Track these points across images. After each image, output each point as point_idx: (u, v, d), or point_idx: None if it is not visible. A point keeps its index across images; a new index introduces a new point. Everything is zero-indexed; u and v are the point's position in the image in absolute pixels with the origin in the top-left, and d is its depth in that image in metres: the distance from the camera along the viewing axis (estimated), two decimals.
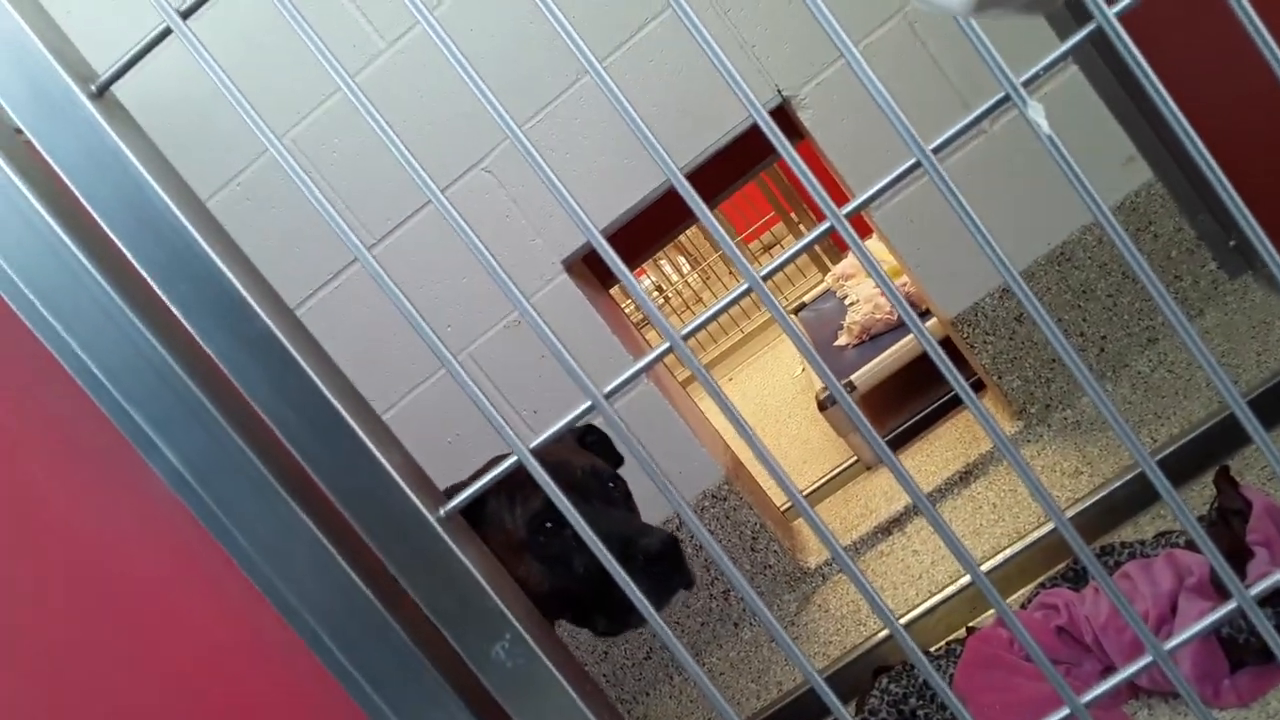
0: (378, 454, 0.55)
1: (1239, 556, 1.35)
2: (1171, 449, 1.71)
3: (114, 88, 0.58)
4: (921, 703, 1.54)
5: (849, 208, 0.53)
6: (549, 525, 1.32)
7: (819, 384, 2.88)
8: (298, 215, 2.07)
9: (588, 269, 2.31)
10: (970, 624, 1.71)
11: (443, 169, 2.05)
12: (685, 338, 0.55)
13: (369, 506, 0.55)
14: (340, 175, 2.07)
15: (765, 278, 0.55)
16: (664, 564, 1.28)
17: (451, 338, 2.12)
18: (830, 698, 0.59)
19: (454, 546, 0.55)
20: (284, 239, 2.08)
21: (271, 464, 0.58)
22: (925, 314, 2.40)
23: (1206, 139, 0.54)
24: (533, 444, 0.56)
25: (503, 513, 1.34)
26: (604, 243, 0.53)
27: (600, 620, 1.35)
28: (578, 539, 1.22)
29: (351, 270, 2.10)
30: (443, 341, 0.56)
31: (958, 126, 0.53)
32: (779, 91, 2.03)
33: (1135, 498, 1.71)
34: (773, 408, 3.62)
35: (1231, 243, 2.06)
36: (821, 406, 2.65)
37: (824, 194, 0.52)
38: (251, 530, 0.58)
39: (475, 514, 1.32)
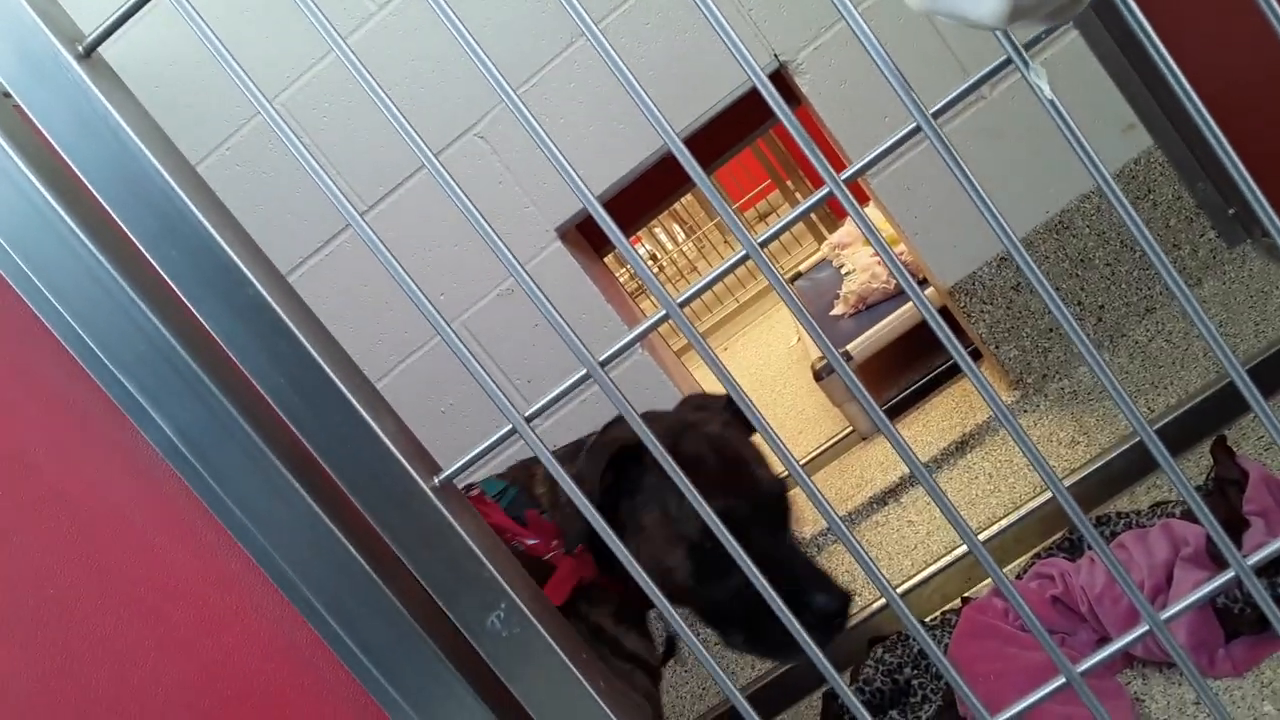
0: (371, 422, 0.54)
1: (1235, 526, 1.36)
2: (1169, 419, 1.71)
3: (101, 50, 0.56)
4: (916, 672, 1.55)
5: (848, 173, 0.52)
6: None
7: (815, 353, 2.87)
8: (287, 182, 2.05)
9: (582, 236, 2.30)
10: (965, 594, 1.71)
11: (435, 134, 2.03)
12: (682, 305, 0.54)
13: (363, 475, 0.55)
14: (330, 142, 2.05)
15: (763, 244, 0.54)
16: (830, 624, 1.18)
17: (444, 306, 2.11)
18: (826, 668, 0.59)
19: (448, 515, 0.55)
20: (273, 206, 2.06)
21: (265, 433, 0.58)
22: (923, 283, 2.39)
23: (1208, 105, 0.53)
24: (529, 411, 0.56)
25: (668, 495, 1.21)
26: (599, 207, 0.52)
27: (737, 637, 1.24)
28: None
29: (341, 239, 2.09)
30: (437, 309, 0.56)
31: (959, 89, 0.52)
32: (776, 57, 2.01)
33: (1132, 468, 1.71)
34: (768, 377, 3.62)
35: (1231, 211, 2.05)
36: (817, 376, 2.65)
37: (823, 159, 0.51)
38: (245, 500, 0.58)
39: (626, 476, 1.21)
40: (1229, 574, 0.56)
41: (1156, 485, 1.66)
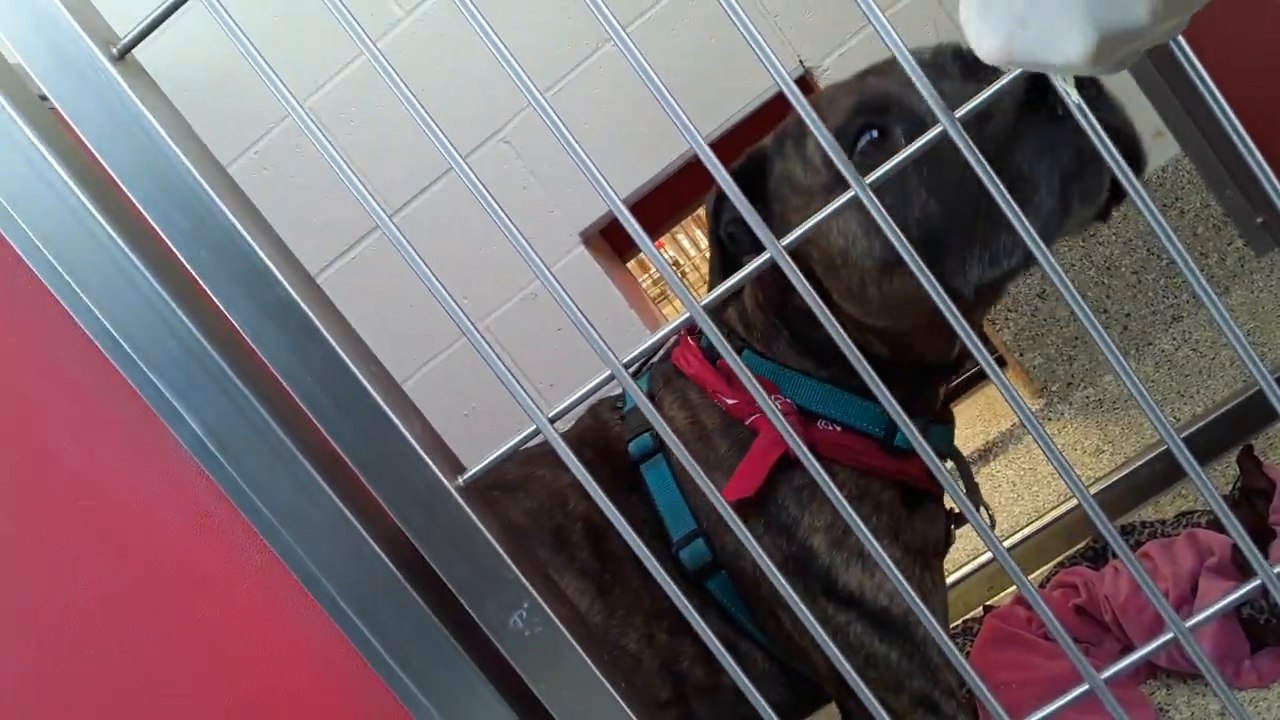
0: (398, 422, 0.55)
1: (1262, 536, 1.34)
2: (1195, 427, 1.69)
3: (135, 53, 0.57)
4: None
5: (873, 176, 0.52)
6: (872, 135, 0.86)
7: None
8: (313, 185, 2.07)
9: (605, 241, 2.31)
10: (987, 602, 1.70)
11: (459, 139, 2.04)
12: (707, 308, 0.55)
13: (388, 475, 0.55)
14: (355, 147, 2.06)
15: (788, 247, 0.54)
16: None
17: (468, 310, 2.12)
18: (848, 672, 0.59)
19: (473, 515, 0.55)
20: (300, 209, 2.08)
21: (293, 432, 0.59)
22: None
23: (1236, 112, 0.53)
24: (552, 413, 0.56)
25: (790, 163, 0.95)
26: (625, 210, 0.53)
27: (974, 264, 0.79)
28: (920, 163, 0.80)
29: (365, 243, 2.10)
30: (464, 311, 0.56)
31: (986, 94, 0.52)
32: (801, 63, 2.01)
33: (1157, 477, 1.70)
34: None
35: (1259, 220, 2.03)
36: None
37: (849, 163, 0.51)
38: (273, 499, 0.58)
39: (755, 186, 0.98)
40: (1255, 582, 0.56)
41: (1182, 495, 1.65)
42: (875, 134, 0.86)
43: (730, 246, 0.98)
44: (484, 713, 0.58)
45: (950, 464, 1.08)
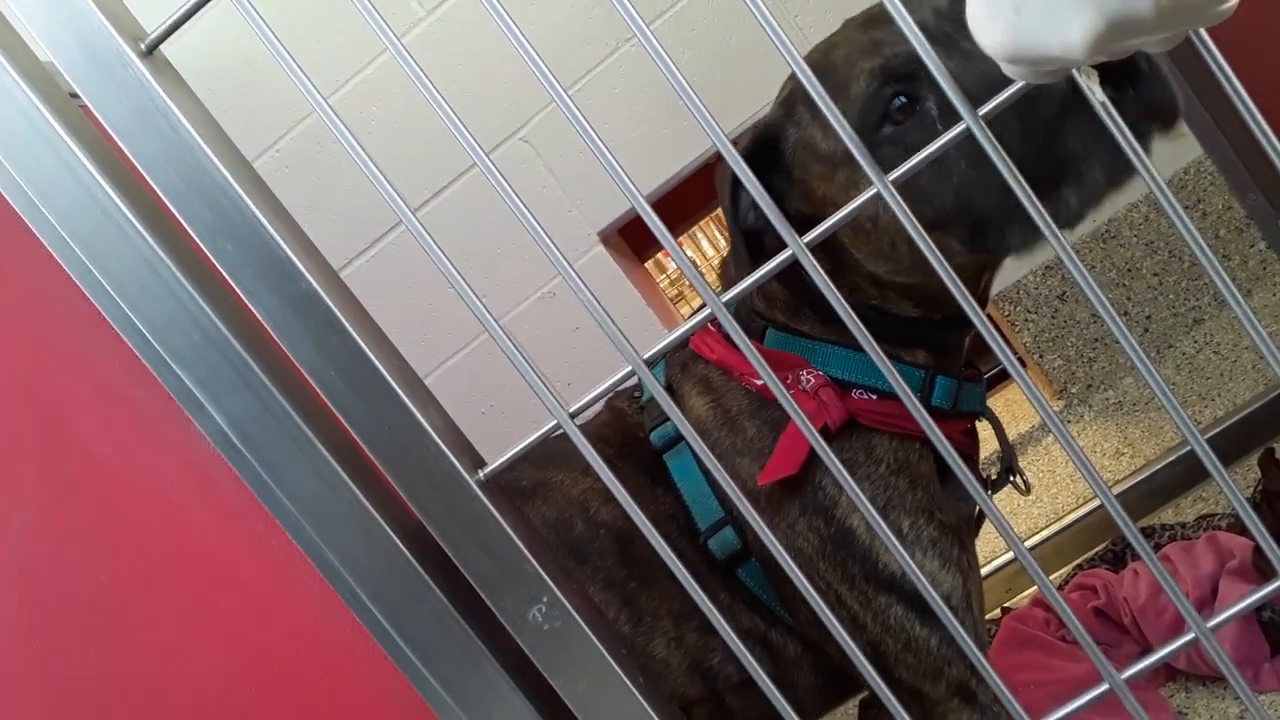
0: (419, 415, 0.55)
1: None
2: (1216, 430, 1.68)
3: (162, 49, 0.58)
4: None
5: (895, 174, 0.52)
6: (901, 102, 0.83)
7: None
8: (335, 182, 2.08)
9: (623, 241, 2.31)
10: (1005, 604, 1.70)
11: (480, 138, 2.04)
12: (727, 303, 0.55)
13: (410, 468, 0.56)
14: (375, 145, 2.07)
15: (809, 245, 0.54)
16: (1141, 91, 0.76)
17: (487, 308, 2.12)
18: (869, 672, 0.59)
19: (492, 509, 0.55)
20: (322, 204, 2.09)
21: (315, 425, 0.59)
22: None
23: (1261, 113, 0.53)
24: (573, 408, 0.56)
25: (808, 130, 0.91)
26: (646, 206, 0.53)
27: (1014, 233, 0.81)
28: (947, 111, 0.81)
29: (386, 240, 2.11)
30: (486, 306, 0.56)
31: (1007, 92, 0.52)
32: None
33: (1177, 479, 1.69)
34: None
35: None
36: None
37: (871, 160, 0.51)
38: (295, 491, 0.59)
39: (768, 160, 0.94)
40: (1277, 583, 0.56)
41: (1202, 498, 1.64)
42: (904, 100, 0.83)
43: (751, 222, 0.95)
44: (501, 706, 0.58)
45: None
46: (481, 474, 0.57)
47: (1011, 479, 1.07)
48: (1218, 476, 0.55)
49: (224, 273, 0.57)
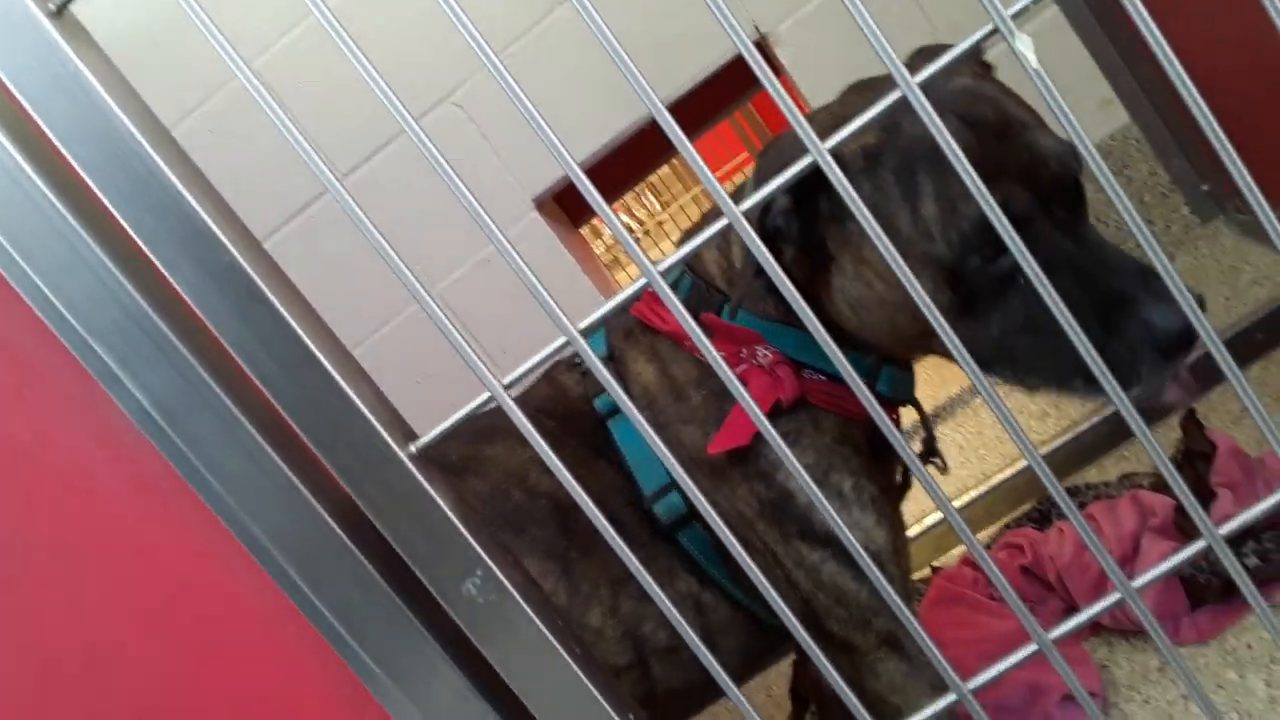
0: (347, 388, 0.54)
1: (1202, 498, 1.38)
2: None
3: (74, 10, 0.55)
4: None
5: (832, 141, 0.52)
6: (990, 249, 0.85)
7: None
8: (261, 148, 2.03)
9: (559, 207, 2.29)
10: (934, 563, 1.73)
11: (410, 103, 2.00)
12: (663, 273, 0.54)
13: (338, 442, 0.55)
14: (302, 110, 2.02)
15: (745, 213, 0.54)
16: (1176, 345, 0.84)
17: (419, 277, 2.09)
18: (796, 627, 0.60)
19: (424, 483, 0.54)
20: (247, 172, 2.03)
21: (240, 400, 0.58)
22: None
23: (1192, 80, 0.53)
24: (507, 379, 0.55)
25: (895, 208, 0.87)
26: (580, 172, 0.52)
27: (1037, 377, 0.89)
28: (1021, 281, 0.84)
29: (314, 208, 2.07)
30: (415, 275, 0.55)
31: (945, 59, 0.52)
32: (757, 28, 2.00)
33: (1101, 440, 1.73)
34: None
35: (1204, 187, 2.07)
36: None
37: (807, 127, 0.51)
38: (219, 468, 0.57)
39: (815, 204, 0.91)
40: (1201, 543, 0.57)
41: (1124, 457, 1.68)
42: (992, 248, 0.85)
43: (779, 224, 0.92)
44: (437, 681, 0.58)
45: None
46: (413, 447, 0.56)
47: (932, 460, 1.10)
48: (1142, 437, 0.56)
49: (142, 244, 0.55)
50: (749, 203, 0.53)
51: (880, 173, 0.88)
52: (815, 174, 0.51)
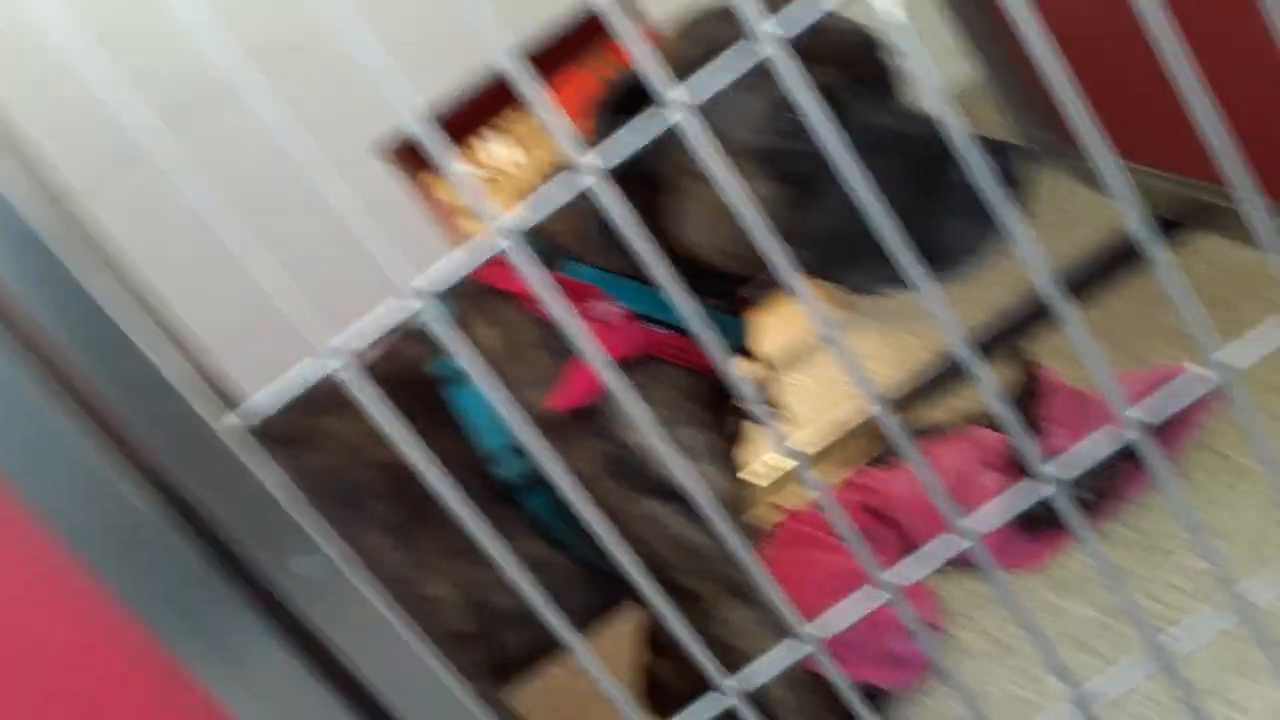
0: (153, 358, 0.49)
1: (1032, 433, 1.44)
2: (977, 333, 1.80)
3: None
4: None
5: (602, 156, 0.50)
6: (791, 121, 0.86)
7: None
8: (74, 98, 1.87)
9: (405, 153, 2.21)
10: (776, 501, 1.76)
11: (248, 45, 1.88)
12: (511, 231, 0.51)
13: (145, 414, 0.50)
14: (135, 50, 1.87)
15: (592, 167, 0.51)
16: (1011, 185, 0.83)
17: (257, 227, 1.99)
18: (640, 582, 0.59)
19: (242, 458, 0.50)
20: (58, 123, 1.87)
21: (33, 372, 0.51)
22: None
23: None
24: (332, 341, 0.52)
25: (711, 106, 0.91)
26: (427, 127, 0.49)
27: (855, 274, 0.94)
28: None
29: (139, 160, 1.93)
30: (244, 229, 0.51)
31: (813, 16, 0.50)
32: None
33: (940, 381, 1.80)
34: None
35: (1037, 137, 2.15)
36: None
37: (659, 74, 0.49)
38: (13, 446, 0.51)
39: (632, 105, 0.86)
40: (1046, 489, 0.59)
41: (962, 396, 1.75)
42: (795, 118, 0.85)
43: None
44: (267, 662, 0.54)
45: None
46: (232, 418, 0.51)
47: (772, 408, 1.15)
48: (980, 376, 0.57)
49: None
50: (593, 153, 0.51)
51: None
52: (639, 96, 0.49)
